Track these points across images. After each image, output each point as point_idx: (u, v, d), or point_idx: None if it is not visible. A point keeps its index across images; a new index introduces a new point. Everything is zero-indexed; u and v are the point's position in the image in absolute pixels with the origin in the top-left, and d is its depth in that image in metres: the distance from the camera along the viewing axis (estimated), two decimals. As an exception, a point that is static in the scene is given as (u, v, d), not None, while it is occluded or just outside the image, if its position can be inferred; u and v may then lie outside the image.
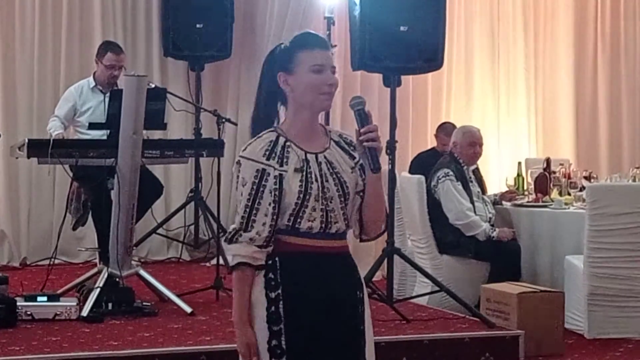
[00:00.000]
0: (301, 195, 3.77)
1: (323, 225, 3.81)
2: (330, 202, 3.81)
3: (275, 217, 3.76)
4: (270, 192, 3.75)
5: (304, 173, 3.78)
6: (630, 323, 8.15)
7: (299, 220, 3.78)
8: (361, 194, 3.88)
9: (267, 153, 3.78)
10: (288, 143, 3.81)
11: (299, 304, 3.81)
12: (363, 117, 3.78)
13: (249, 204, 3.77)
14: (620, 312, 8.16)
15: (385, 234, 8.30)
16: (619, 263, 8.13)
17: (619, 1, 12.69)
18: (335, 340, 3.85)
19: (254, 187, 3.77)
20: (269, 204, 3.75)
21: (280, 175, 3.76)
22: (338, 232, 3.85)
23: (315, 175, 3.80)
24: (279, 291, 3.81)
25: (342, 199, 3.84)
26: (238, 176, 3.80)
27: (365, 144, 3.73)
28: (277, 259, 3.81)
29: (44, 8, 10.73)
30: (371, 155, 3.73)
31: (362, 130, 3.74)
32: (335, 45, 9.10)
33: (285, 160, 3.78)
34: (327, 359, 3.85)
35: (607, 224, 8.12)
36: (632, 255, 8.15)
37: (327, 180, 3.81)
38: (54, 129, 8.81)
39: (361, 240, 4.06)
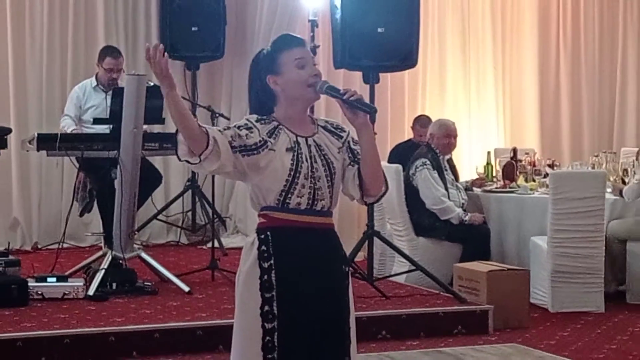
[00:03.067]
0: (292, 173, 3.80)
1: (310, 202, 3.84)
2: (318, 181, 3.85)
3: (226, 153, 3.76)
4: (238, 136, 3.78)
5: (295, 153, 3.82)
6: (589, 298, 8.20)
7: (289, 195, 3.81)
8: (354, 161, 3.91)
9: (260, 120, 3.85)
10: (280, 126, 3.85)
11: (290, 273, 3.84)
12: (334, 88, 3.84)
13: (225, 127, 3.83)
14: (581, 288, 8.20)
15: (366, 218, 8.43)
16: (580, 243, 8.17)
17: (579, 3, 12.71)
18: (323, 307, 3.88)
19: (234, 127, 3.82)
20: (231, 139, 3.76)
21: (265, 142, 3.79)
22: (323, 210, 3.88)
23: (305, 156, 3.83)
24: (271, 262, 3.83)
25: (329, 179, 3.87)
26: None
27: (351, 99, 3.76)
28: (268, 233, 3.84)
29: (52, 14, 10.72)
30: (361, 104, 3.77)
31: (341, 92, 3.79)
32: (319, 46, 9.11)
33: (275, 136, 3.82)
34: (315, 324, 3.86)
35: (569, 208, 8.15)
36: (591, 236, 8.18)
37: (315, 161, 3.85)
38: (67, 126, 8.84)
39: (366, 204, 4.13)
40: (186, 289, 8.00)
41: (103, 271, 7.92)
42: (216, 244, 9.14)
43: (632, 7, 12.86)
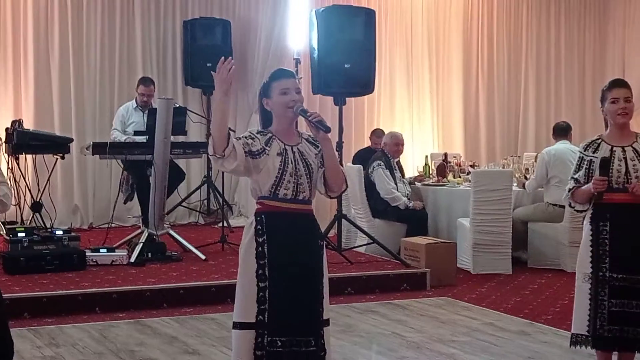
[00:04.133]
0: (280, 172, 3.84)
1: (294, 193, 3.87)
2: (300, 178, 3.88)
3: (241, 156, 3.79)
4: (247, 144, 3.82)
5: (283, 157, 3.86)
6: (500, 263, 8.24)
7: (278, 188, 3.84)
8: (322, 165, 3.94)
9: (258, 133, 3.90)
10: (273, 137, 3.89)
11: (278, 245, 3.86)
12: (304, 111, 3.89)
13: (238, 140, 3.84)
14: (494, 256, 8.24)
15: (337, 204, 8.44)
16: (493, 223, 8.21)
17: (493, 51, 12.75)
18: (302, 271, 3.89)
19: (243, 137, 3.85)
20: (243, 146, 3.80)
21: (264, 149, 3.84)
22: (304, 199, 3.91)
23: (291, 160, 3.87)
24: (264, 237, 3.85)
25: (308, 177, 3.90)
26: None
27: (313, 120, 3.83)
28: (263, 215, 3.86)
29: (104, 53, 10.70)
30: (321, 124, 3.83)
31: (308, 114, 3.86)
32: (301, 77, 9.10)
33: (269, 144, 3.86)
34: (296, 283, 3.88)
35: (485, 197, 8.19)
36: (502, 218, 8.22)
37: (298, 164, 3.88)
38: (119, 137, 8.82)
39: (330, 197, 4.15)
40: (203, 257, 8.02)
41: (141, 244, 7.93)
42: (225, 224, 9.15)
43: (532, 51, 12.91)
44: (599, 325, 4.48)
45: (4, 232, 8.52)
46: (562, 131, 8.84)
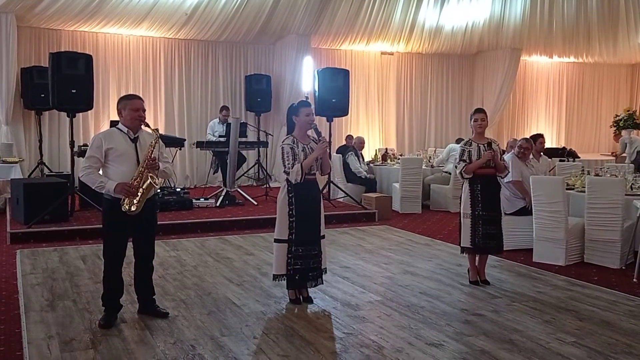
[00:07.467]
0: (302, 158, 3.80)
1: (308, 170, 3.84)
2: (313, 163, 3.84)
3: (295, 161, 3.78)
4: (293, 153, 3.79)
5: (305, 152, 3.84)
6: (415, 207, 8.21)
7: None
8: (321, 160, 3.91)
9: (292, 141, 3.84)
10: (296, 140, 3.85)
11: (299, 197, 3.84)
12: (317, 130, 3.88)
13: (290, 157, 3.80)
14: (412, 203, 8.23)
15: (328, 176, 8.40)
16: (412, 185, 8.19)
17: (412, 92, 12.61)
18: (312, 210, 3.88)
19: (291, 150, 3.80)
20: (293, 156, 3.77)
21: (295, 148, 3.82)
22: (313, 173, 3.90)
23: (307, 152, 3.84)
24: (292, 193, 3.85)
25: (316, 163, 3.88)
26: (283, 148, 3.85)
27: (320, 137, 3.85)
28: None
29: (202, 91, 10.56)
30: (318, 136, 3.89)
31: (318, 133, 3.87)
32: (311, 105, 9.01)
33: (297, 145, 3.82)
34: (310, 217, 3.87)
35: (408, 172, 8.18)
36: (417, 182, 8.21)
37: (310, 154, 3.85)
38: (211, 138, 8.78)
39: (322, 175, 4.13)
40: (255, 203, 7.99)
41: (222, 196, 7.89)
42: (267, 185, 9.12)
43: (433, 93, 12.77)
44: (477, 241, 4.51)
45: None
46: (458, 140, 8.95)
